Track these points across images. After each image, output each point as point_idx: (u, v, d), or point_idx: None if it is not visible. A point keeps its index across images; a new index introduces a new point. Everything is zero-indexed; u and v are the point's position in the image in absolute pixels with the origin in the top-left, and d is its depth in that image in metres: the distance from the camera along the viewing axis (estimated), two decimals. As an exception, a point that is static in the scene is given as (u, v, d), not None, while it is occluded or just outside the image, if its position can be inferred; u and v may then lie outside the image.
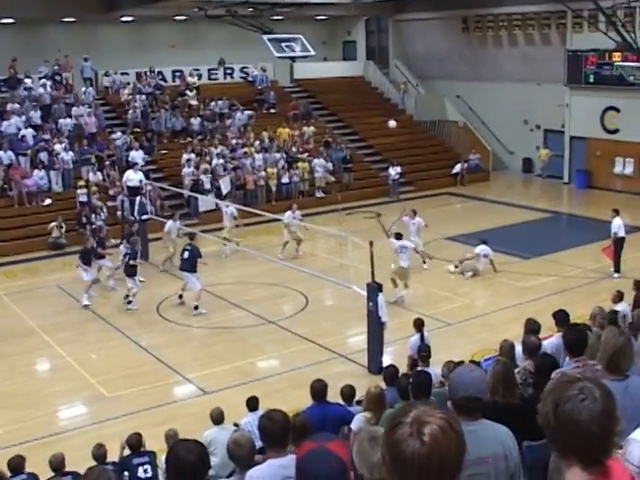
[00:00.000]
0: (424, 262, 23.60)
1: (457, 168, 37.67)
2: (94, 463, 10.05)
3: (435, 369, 11.62)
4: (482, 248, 22.84)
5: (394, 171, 34.87)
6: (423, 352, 12.53)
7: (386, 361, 15.51)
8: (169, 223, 24.57)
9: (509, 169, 40.81)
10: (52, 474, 10.21)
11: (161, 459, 9.94)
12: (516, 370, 8.81)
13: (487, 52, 39.88)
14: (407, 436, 2.56)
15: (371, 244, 16.93)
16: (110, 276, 22.57)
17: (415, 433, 2.56)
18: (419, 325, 15.11)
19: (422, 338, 14.95)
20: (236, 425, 11.96)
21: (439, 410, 2.65)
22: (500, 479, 4.42)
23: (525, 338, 10.11)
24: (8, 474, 9.88)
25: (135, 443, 10.98)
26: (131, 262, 21.19)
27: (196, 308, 20.42)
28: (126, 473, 10.52)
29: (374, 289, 16.60)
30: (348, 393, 11.32)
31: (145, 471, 10.54)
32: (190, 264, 20.63)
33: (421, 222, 24.02)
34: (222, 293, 22.14)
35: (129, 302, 20.93)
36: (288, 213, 25.40)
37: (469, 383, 4.52)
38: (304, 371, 16.55)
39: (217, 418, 11.56)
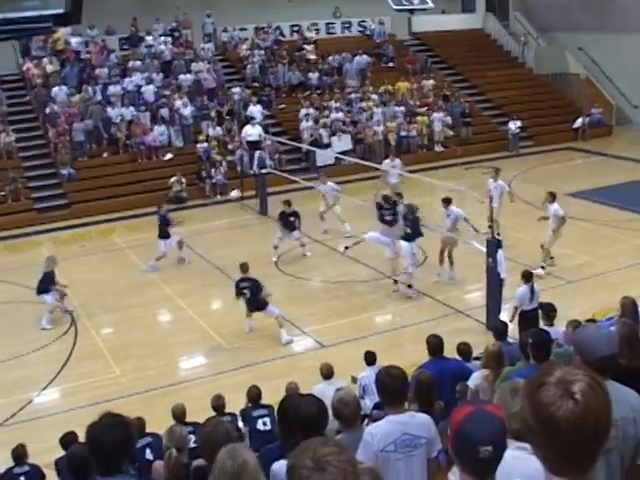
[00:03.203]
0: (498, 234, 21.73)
1: (578, 122, 36.54)
2: (213, 413, 10.17)
3: (557, 328, 11.27)
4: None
5: (514, 125, 34.14)
6: (550, 311, 12.02)
7: (504, 318, 15.22)
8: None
9: (633, 123, 39.20)
10: (173, 423, 10.36)
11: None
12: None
13: (612, 1, 38.39)
14: (557, 397, 2.40)
15: (491, 199, 16.62)
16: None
17: (565, 393, 2.40)
18: (527, 276, 14.85)
19: (532, 290, 14.64)
20: (354, 379, 11.95)
21: (581, 368, 2.48)
22: (628, 444, 4.18)
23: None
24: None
25: (254, 395, 11.04)
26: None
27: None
28: (243, 425, 10.59)
29: (494, 244, 16.28)
30: (465, 350, 11.16)
31: (264, 423, 10.57)
32: None
33: (504, 186, 21.98)
34: (338, 247, 22.13)
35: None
36: (387, 161, 25.10)
37: (602, 341, 4.30)
38: (421, 326, 16.38)
39: (326, 373, 11.54)
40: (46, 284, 18.14)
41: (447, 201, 19.17)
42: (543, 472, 2.54)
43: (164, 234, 21.32)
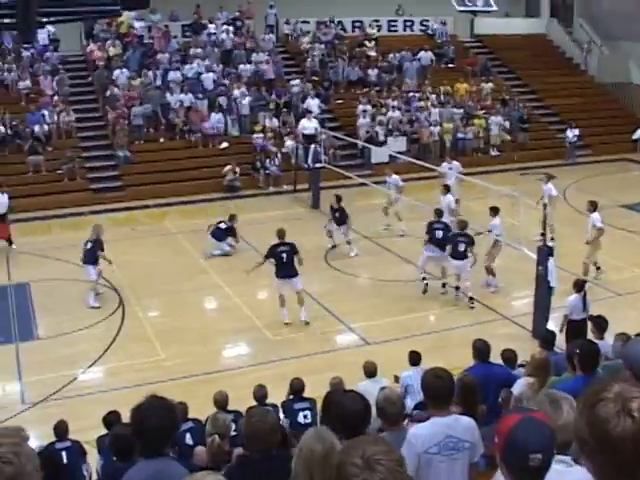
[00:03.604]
0: (552, 238, 21.49)
1: (638, 133, 35.96)
2: (254, 403, 10.21)
3: (607, 341, 11.13)
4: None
5: (572, 133, 33.76)
6: (601, 324, 11.88)
7: (551, 327, 15.08)
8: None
9: (694, 136, 38.72)
10: (213, 410, 10.42)
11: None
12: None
13: (678, 11, 37.77)
14: (614, 414, 2.38)
15: (545, 206, 16.49)
16: None
17: (622, 410, 2.38)
18: (580, 285, 14.74)
19: (584, 300, 14.53)
20: (396, 378, 11.93)
21: (638, 385, 2.46)
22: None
23: None
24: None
25: (298, 388, 11.07)
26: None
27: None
28: (283, 417, 10.62)
29: (545, 252, 16.14)
30: (510, 356, 11.10)
31: (305, 417, 10.60)
32: None
33: (551, 190, 21.86)
34: (389, 245, 22.11)
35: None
36: (444, 164, 25.05)
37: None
38: (466, 330, 16.34)
39: (370, 371, 11.52)
40: (92, 253, 18.48)
41: (495, 210, 19.14)
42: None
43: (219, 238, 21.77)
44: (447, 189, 21.70)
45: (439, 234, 18.56)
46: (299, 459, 4.22)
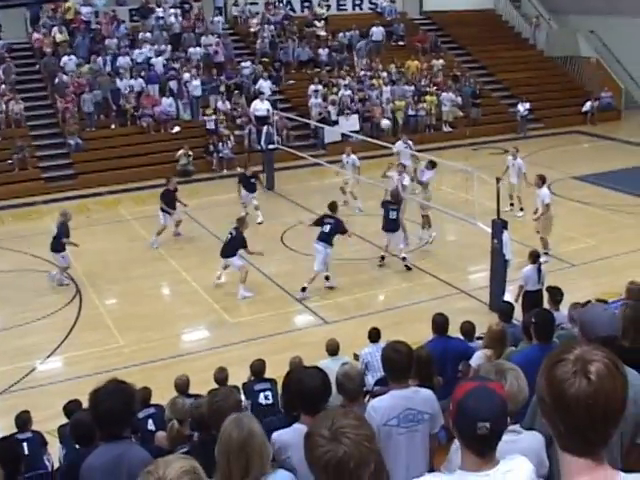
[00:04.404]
0: (520, 209, 22.21)
1: (587, 106, 36.42)
2: (215, 386, 10.21)
3: (563, 312, 11.26)
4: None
5: (523, 107, 34.00)
6: (557, 295, 12.00)
7: (507, 299, 15.22)
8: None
9: (642, 108, 39.22)
10: (174, 395, 10.41)
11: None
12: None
13: (625, -16, 38.15)
14: (571, 374, 2.41)
15: (498, 180, 16.60)
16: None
17: (580, 371, 2.41)
18: (534, 257, 14.92)
19: (539, 271, 14.70)
20: (356, 356, 11.99)
21: (602, 349, 2.49)
22: (628, 424, 4.21)
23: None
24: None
25: (258, 369, 11.08)
26: None
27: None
28: (245, 398, 10.62)
29: (499, 226, 16.28)
30: (468, 329, 11.21)
31: (266, 397, 10.62)
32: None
33: (522, 165, 22.55)
34: (347, 225, 22.11)
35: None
36: (399, 142, 25.12)
37: (605, 322, 4.32)
38: (424, 305, 16.49)
39: (332, 349, 11.56)
40: (60, 239, 18.40)
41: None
42: (541, 447, 2.55)
43: (167, 208, 21.22)
44: (404, 168, 21.69)
45: (392, 215, 18.94)
46: (219, 445, 4.24)
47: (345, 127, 30.42)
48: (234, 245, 17.86)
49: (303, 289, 17.58)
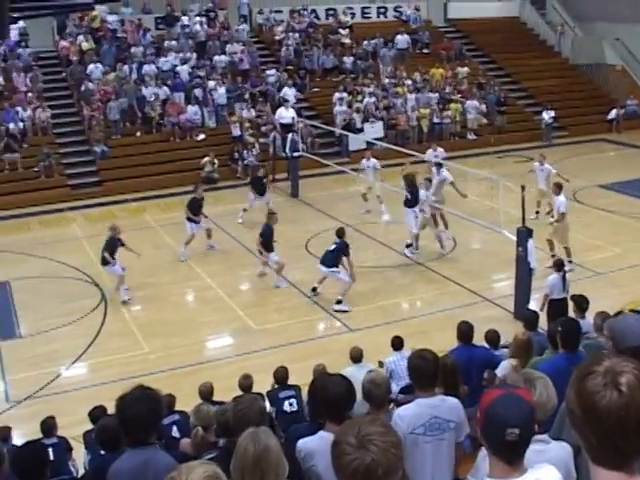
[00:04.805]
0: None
1: (613, 114, 36.24)
2: (239, 393, 10.21)
3: (588, 320, 11.18)
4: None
5: (548, 115, 33.89)
6: (582, 303, 11.89)
7: (532, 307, 15.15)
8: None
9: (669, 116, 38.95)
10: (199, 402, 10.42)
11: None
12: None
13: (651, -9, 37.96)
14: (602, 386, 2.40)
15: (523, 188, 16.53)
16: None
17: (610, 383, 2.40)
18: (559, 265, 14.85)
19: (564, 279, 14.63)
20: (380, 363, 11.96)
21: (632, 361, 2.48)
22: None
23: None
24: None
25: (282, 376, 11.08)
26: None
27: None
28: (269, 406, 10.61)
29: (524, 234, 16.21)
30: (493, 337, 11.14)
31: (291, 404, 10.60)
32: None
33: (551, 170, 22.48)
34: (371, 232, 22.13)
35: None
36: (429, 151, 25.04)
37: (637, 332, 4.28)
38: (449, 313, 16.43)
39: (356, 356, 11.53)
40: (108, 254, 18.00)
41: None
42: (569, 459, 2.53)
43: (194, 217, 20.98)
44: (430, 182, 21.04)
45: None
46: (234, 459, 4.23)
47: (370, 134, 30.41)
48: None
49: (314, 289, 17.85)
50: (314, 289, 17.97)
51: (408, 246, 20.17)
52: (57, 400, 13.72)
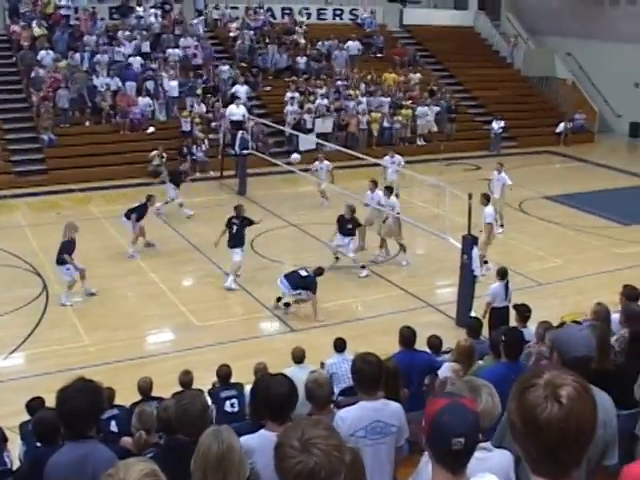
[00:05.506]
0: (501, 225, 22.20)
1: (561, 127, 36.78)
2: (179, 389, 10.18)
3: (530, 329, 11.32)
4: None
5: (497, 125, 34.30)
6: (525, 312, 12.02)
7: (474, 315, 15.29)
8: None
9: (615, 132, 39.56)
10: (139, 397, 10.36)
11: (246, 390, 10.06)
12: (614, 338, 8.58)
13: (602, 9, 38.56)
14: (543, 399, 2.45)
15: (470, 196, 16.68)
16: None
17: (551, 395, 2.45)
18: (502, 273, 15.00)
19: (506, 287, 14.79)
20: (322, 364, 11.99)
21: (571, 373, 2.53)
22: (596, 446, 4.26)
23: (626, 305, 9.83)
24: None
25: (225, 374, 11.02)
26: None
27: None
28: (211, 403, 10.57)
29: (469, 242, 16.38)
30: (435, 343, 11.25)
31: (232, 405, 10.56)
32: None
33: (506, 180, 22.65)
34: (316, 233, 22.14)
35: None
36: (387, 158, 25.12)
37: (580, 342, 4.35)
38: (392, 317, 16.47)
39: (298, 357, 11.55)
40: (63, 254, 17.43)
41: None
42: (509, 468, 2.58)
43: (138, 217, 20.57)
44: (375, 185, 21.03)
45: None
46: (195, 458, 4.23)
47: (320, 129, 30.57)
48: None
49: (278, 299, 17.42)
50: (287, 304, 17.38)
51: (363, 267, 19.84)
52: (-7, 389, 13.55)
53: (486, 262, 19.10)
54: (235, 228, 18.51)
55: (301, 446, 2.71)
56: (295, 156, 25.85)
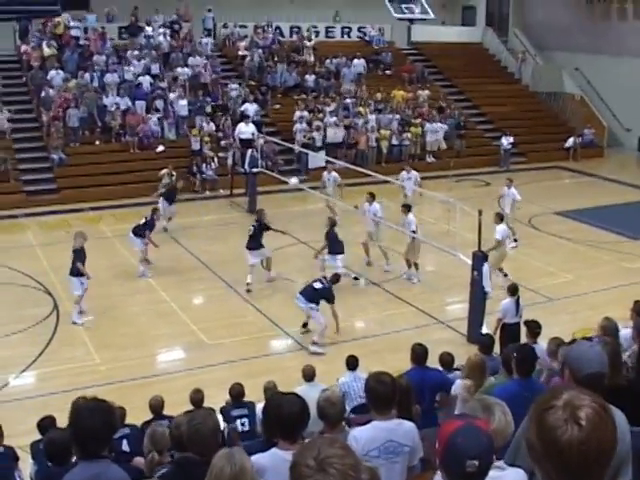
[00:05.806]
0: (515, 240, 22.29)
1: (570, 142, 36.77)
2: (190, 407, 10.15)
3: (541, 345, 11.28)
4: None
5: (506, 141, 34.28)
6: (535, 328, 11.99)
7: (486, 331, 15.25)
8: None
9: (624, 147, 39.49)
10: (150, 416, 10.35)
11: (258, 409, 10.03)
12: (627, 353, 8.54)
13: (610, 24, 38.57)
14: (563, 421, 2.43)
15: (480, 213, 16.67)
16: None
17: (570, 418, 2.44)
18: (513, 290, 14.96)
19: (517, 304, 14.75)
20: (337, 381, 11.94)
21: (589, 393, 2.52)
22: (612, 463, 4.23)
23: (637, 321, 9.80)
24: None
25: (237, 393, 10.98)
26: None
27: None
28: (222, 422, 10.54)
29: (480, 258, 16.36)
30: (447, 360, 11.22)
31: (242, 424, 10.53)
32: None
33: (515, 195, 22.68)
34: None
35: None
36: (403, 173, 25.10)
37: (592, 359, 4.32)
38: (403, 334, 16.48)
39: (309, 375, 11.53)
40: (77, 263, 17.33)
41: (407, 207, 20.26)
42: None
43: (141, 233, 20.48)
44: (408, 209, 20.37)
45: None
46: (209, 479, 4.22)
47: (331, 138, 30.83)
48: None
49: (304, 325, 17.19)
50: (304, 324, 17.22)
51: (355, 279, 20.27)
52: (5, 409, 13.49)
53: (506, 275, 19.41)
54: (252, 231, 19.52)
55: (317, 465, 2.69)
56: (294, 180, 25.89)
